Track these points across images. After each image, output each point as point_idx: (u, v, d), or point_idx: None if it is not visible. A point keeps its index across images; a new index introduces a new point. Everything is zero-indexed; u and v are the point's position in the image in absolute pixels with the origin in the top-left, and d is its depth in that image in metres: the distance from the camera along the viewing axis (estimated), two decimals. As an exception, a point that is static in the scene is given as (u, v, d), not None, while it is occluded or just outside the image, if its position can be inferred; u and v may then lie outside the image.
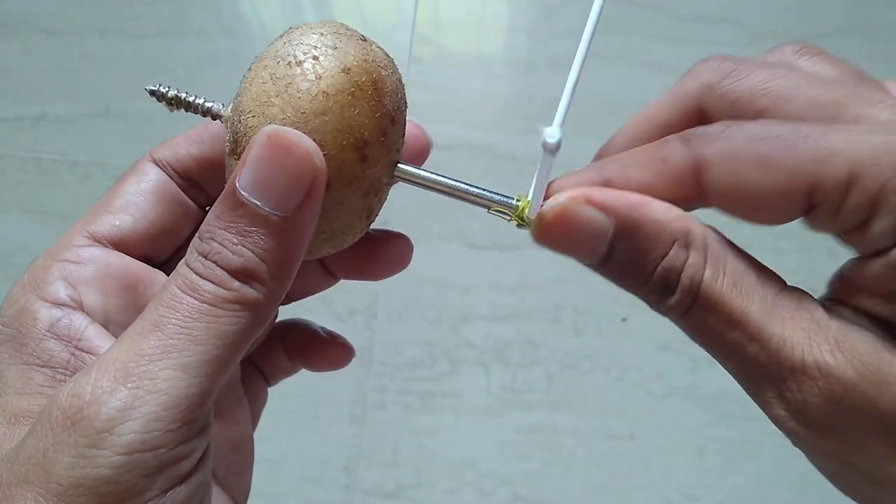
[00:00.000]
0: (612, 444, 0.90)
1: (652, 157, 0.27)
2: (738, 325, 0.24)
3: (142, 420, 0.23)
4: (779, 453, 0.88)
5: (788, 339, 0.24)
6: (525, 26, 1.05)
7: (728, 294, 0.25)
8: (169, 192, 0.32)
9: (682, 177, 0.26)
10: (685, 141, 0.26)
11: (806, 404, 0.23)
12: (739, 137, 0.25)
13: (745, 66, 0.27)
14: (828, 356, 0.23)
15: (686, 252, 0.25)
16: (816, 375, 0.23)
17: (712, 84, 0.27)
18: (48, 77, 1.03)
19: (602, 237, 0.26)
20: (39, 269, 0.29)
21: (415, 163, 0.32)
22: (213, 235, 0.25)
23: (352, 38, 0.28)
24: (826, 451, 0.24)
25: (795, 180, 0.24)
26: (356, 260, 0.35)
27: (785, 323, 0.24)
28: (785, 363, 0.24)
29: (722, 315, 0.25)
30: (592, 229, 0.26)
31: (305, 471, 0.89)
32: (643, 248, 0.26)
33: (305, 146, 0.25)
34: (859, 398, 0.23)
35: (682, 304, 0.25)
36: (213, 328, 0.24)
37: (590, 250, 0.26)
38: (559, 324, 0.93)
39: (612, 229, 0.26)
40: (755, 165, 0.24)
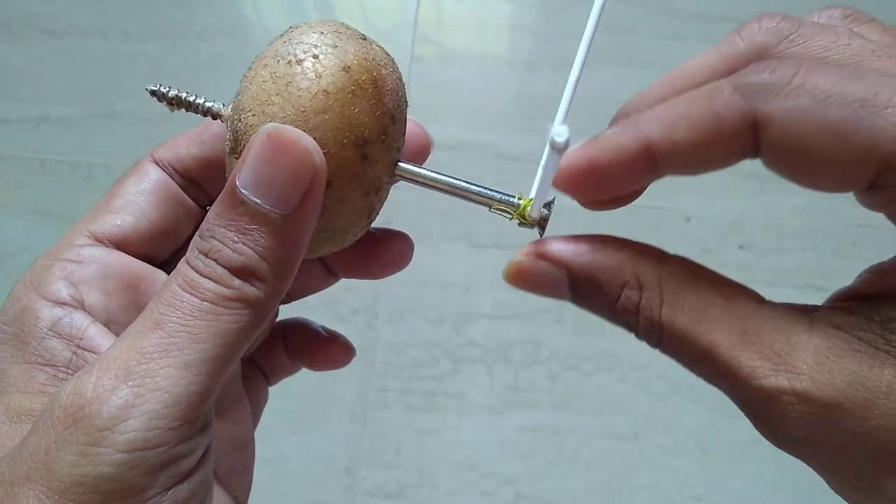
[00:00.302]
0: (615, 444, 0.89)
1: (702, 114, 0.24)
2: (708, 360, 0.24)
3: (143, 418, 0.23)
4: (781, 454, 0.88)
5: (761, 367, 0.23)
6: (527, 26, 1.05)
7: (692, 329, 0.24)
8: (170, 192, 0.32)
9: (738, 136, 0.23)
10: (741, 92, 0.23)
11: (788, 427, 0.23)
12: (809, 95, 0.22)
13: (806, 27, 0.25)
14: (805, 381, 0.22)
15: (637, 293, 0.25)
16: (794, 401, 0.22)
17: (767, 46, 0.25)
18: (51, 78, 1.03)
19: (560, 284, 0.26)
20: (41, 269, 0.29)
21: (416, 162, 0.32)
22: (213, 233, 0.25)
23: (352, 37, 0.28)
24: (814, 463, 0.24)
25: (867, 155, 0.21)
26: (357, 259, 0.35)
27: (758, 348, 0.23)
28: (762, 392, 0.23)
29: (690, 349, 0.24)
30: (549, 281, 0.26)
31: (307, 471, 0.89)
32: (600, 291, 0.26)
33: (305, 144, 0.25)
34: (843, 418, 0.22)
35: (650, 340, 0.25)
36: (214, 326, 0.25)
37: (555, 294, 0.27)
38: (562, 324, 0.93)
39: (566, 278, 0.26)
40: (826, 132, 0.21)
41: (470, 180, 0.29)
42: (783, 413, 0.23)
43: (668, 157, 0.24)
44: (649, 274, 0.25)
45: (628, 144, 0.25)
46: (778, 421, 0.23)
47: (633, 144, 0.25)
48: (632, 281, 0.25)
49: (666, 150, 0.24)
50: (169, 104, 0.31)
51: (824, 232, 0.93)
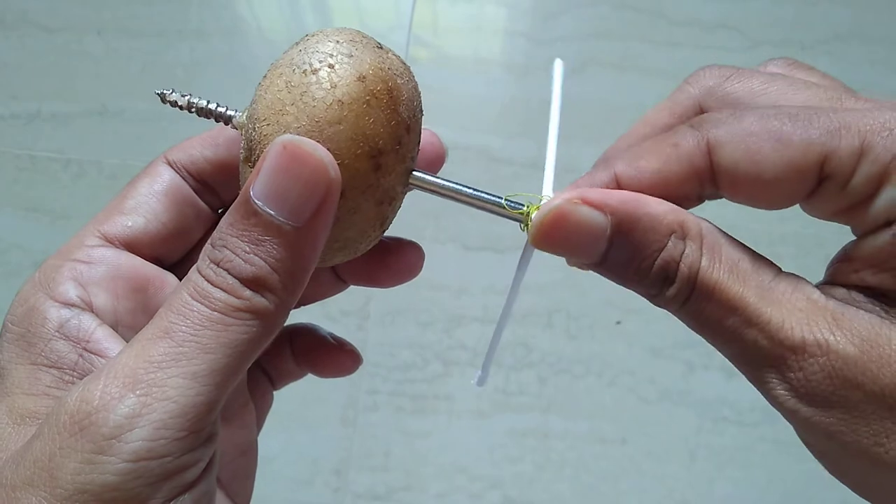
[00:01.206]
0: (604, 449, 0.90)
1: (662, 145, 0.27)
2: (737, 310, 0.25)
3: (149, 428, 0.23)
4: (770, 460, 0.89)
5: (787, 320, 0.24)
6: (522, 30, 1.05)
7: (725, 281, 0.25)
8: (182, 195, 0.32)
9: (693, 159, 0.26)
10: (695, 126, 0.26)
11: (807, 382, 0.24)
12: (750, 117, 0.25)
13: (743, 71, 0.28)
14: (827, 333, 0.24)
15: (682, 243, 0.26)
16: (817, 352, 0.24)
17: (712, 87, 0.28)
18: (44, 74, 1.02)
19: (600, 236, 0.26)
20: (50, 269, 0.29)
21: (430, 170, 0.32)
22: (225, 243, 0.25)
23: (368, 46, 0.28)
24: (827, 431, 0.24)
25: (808, 151, 0.24)
26: (367, 267, 0.35)
27: (782, 305, 0.25)
28: (785, 343, 0.24)
29: (720, 301, 0.25)
30: (590, 228, 0.26)
31: (295, 473, 0.88)
32: (641, 242, 0.26)
33: (320, 156, 0.25)
34: (860, 373, 0.23)
35: (680, 295, 0.26)
36: (223, 337, 0.24)
37: (589, 250, 0.26)
38: (552, 327, 0.93)
39: (609, 227, 0.26)
40: (768, 140, 0.25)
41: (481, 188, 0.29)
42: (805, 365, 0.24)
43: (634, 186, 0.27)
44: (693, 225, 0.26)
45: (600, 180, 0.28)
46: (798, 374, 0.24)
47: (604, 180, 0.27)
48: (678, 230, 0.26)
49: (632, 179, 0.27)
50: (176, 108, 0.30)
51: (815, 239, 0.94)
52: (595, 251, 0.26)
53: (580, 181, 0.28)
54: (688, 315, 0.26)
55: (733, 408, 0.89)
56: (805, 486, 0.87)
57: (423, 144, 0.31)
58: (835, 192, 0.25)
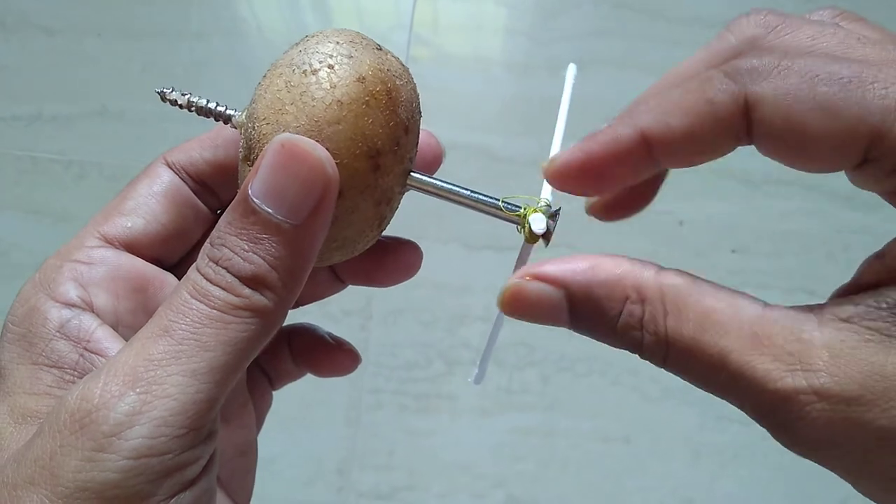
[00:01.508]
0: (607, 447, 0.90)
1: (694, 99, 0.24)
2: (719, 369, 0.23)
3: (149, 425, 0.23)
4: (774, 458, 0.88)
5: (775, 371, 0.22)
6: (523, 29, 1.05)
7: (699, 339, 0.24)
8: (181, 196, 0.32)
9: (730, 118, 0.24)
10: (731, 76, 0.24)
11: (808, 429, 0.22)
12: (797, 75, 0.23)
13: (792, 20, 0.25)
14: (823, 377, 0.22)
15: (640, 307, 0.25)
16: (813, 400, 0.22)
17: (756, 38, 0.26)
18: (45, 76, 1.03)
19: (558, 308, 0.26)
20: (51, 269, 0.29)
21: (427, 170, 0.32)
22: (224, 242, 0.25)
23: (367, 47, 0.28)
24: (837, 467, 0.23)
25: (857, 128, 0.22)
26: (366, 266, 0.35)
27: (770, 351, 0.23)
28: (779, 395, 0.22)
29: (700, 360, 0.24)
30: (547, 302, 0.26)
31: (299, 472, 0.89)
32: (600, 309, 0.25)
33: (318, 155, 0.25)
34: (865, 411, 0.22)
35: (656, 356, 0.25)
36: (223, 335, 0.24)
37: (553, 319, 0.26)
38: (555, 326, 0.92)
39: (564, 300, 0.25)
40: (815, 109, 0.22)
41: (479, 190, 0.29)
42: (803, 414, 0.22)
43: (664, 144, 0.25)
44: (650, 286, 0.25)
45: (624, 135, 0.25)
46: (798, 423, 0.22)
47: (629, 135, 0.25)
48: (633, 294, 0.25)
49: (661, 138, 0.25)
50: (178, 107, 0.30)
51: (816, 236, 0.94)
52: (560, 318, 0.26)
53: (599, 135, 0.26)
54: (674, 372, 0.25)
55: (736, 405, 0.89)
56: (808, 483, 0.87)
57: (421, 145, 0.31)
58: (881, 175, 0.23)
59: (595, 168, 0.26)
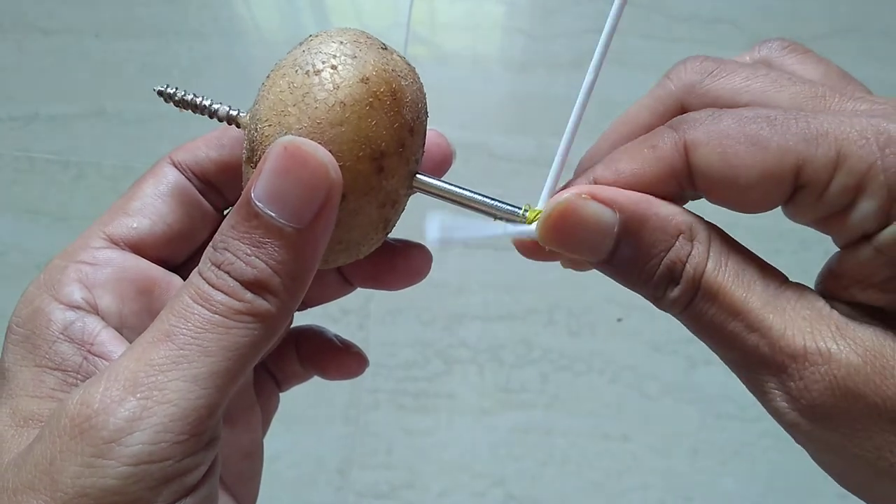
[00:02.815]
0: (606, 445, 0.90)
1: (639, 147, 0.27)
2: (740, 315, 0.25)
3: (150, 431, 0.23)
4: (773, 456, 0.89)
5: (790, 327, 0.24)
6: (521, 27, 1.05)
7: (730, 285, 0.25)
8: (187, 196, 0.32)
9: (670, 160, 0.26)
10: (673, 127, 0.26)
11: (808, 391, 0.23)
12: (728, 119, 0.25)
13: (726, 65, 0.27)
14: (830, 342, 0.23)
15: (690, 245, 0.25)
16: (818, 361, 0.23)
17: (693, 83, 0.28)
18: (42, 76, 1.02)
19: (608, 233, 0.26)
20: (55, 270, 0.29)
21: (437, 171, 0.31)
22: (226, 246, 0.25)
23: (371, 47, 0.27)
24: (829, 444, 0.24)
25: (784, 158, 0.24)
26: (374, 269, 0.35)
27: (785, 312, 0.24)
28: (786, 350, 0.24)
29: (724, 305, 0.25)
30: (598, 225, 0.26)
31: (298, 472, 0.88)
32: (649, 241, 0.26)
33: (321, 158, 0.25)
34: (863, 383, 0.23)
35: (684, 297, 0.25)
36: (225, 340, 0.24)
37: (596, 248, 0.26)
38: (554, 324, 0.93)
39: (617, 225, 0.26)
40: (744, 143, 0.24)
41: (485, 193, 0.29)
42: (807, 375, 0.23)
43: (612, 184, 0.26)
44: (702, 228, 0.26)
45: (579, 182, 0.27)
46: (799, 382, 0.24)
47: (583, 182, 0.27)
48: (687, 231, 0.26)
49: (609, 182, 0.27)
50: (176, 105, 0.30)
51: (815, 234, 0.94)
52: (602, 248, 0.26)
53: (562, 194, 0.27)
54: (690, 318, 0.26)
55: (735, 403, 0.89)
56: (807, 480, 0.87)
57: (430, 145, 0.31)
58: (811, 202, 0.24)
59: None
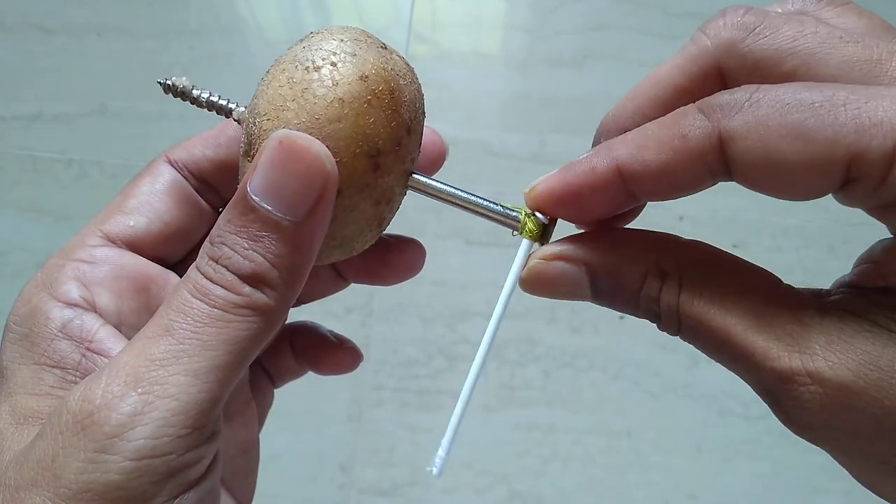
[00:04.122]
0: (609, 442, 0.90)
1: (669, 135, 0.24)
2: (723, 344, 0.24)
3: (152, 426, 0.23)
4: (776, 452, 0.88)
5: (775, 349, 0.23)
6: (522, 25, 1.05)
7: (707, 315, 0.24)
8: (184, 194, 0.32)
9: (704, 153, 0.24)
10: (705, 112, 0.24)
11: (803, 410, 0.23)
12: (768, 106, 0.22)
13: (771, 20, 0.25)
14: (819, 361, 0.22)
15: (659, 282, 0.25)
16: (808, 381, 0.22)
17: (733, 42, 0.25)
18: (45, 75, 1.03)
19: (580, 284, 0.27)
20: (53, 269, 0.29)
21: (431, 168, 0.32)
22: (224, 240, 0.25)
23: (371, 46, 0.28)
24: (835, 449, 0.24)
25: (833, 152, 0.21)
26: (368, 264, 0.35)
27: (771, 331, 0.23)
28: (774, 374, 0.23)
29: (707, 336, 0.25)
30: (568, 281, 0.27)
31: (301, 469, 0.89)
32: (620, 285, 0.26)
33: (317, 151, 0.25)
34: (857, 398, 0.22)
35: (670, 328, 0.26)
36: (224, 333, 0.24)
37: (575, 295, 0.27)
38: (556, 322, 0.93)
39: (585, 276, 0.27)
40: (787, 137, 0.22)
41: (479, 194, 0.29)
42: (797, 395, 0.23)
43: (638, 179, 0.25)
44: (669, 262, 0.26)
45: (600, 167, 0.25)
46: (793, 403, 0.23)
47: (604, 167, 0.25)
48: (653, 269, 0.26)
49: (636, 172, 0.25)
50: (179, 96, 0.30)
51: (817, 230, 0.94)
52: (580, 295, 0.27)
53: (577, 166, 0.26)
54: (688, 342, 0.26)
55: (739, 400, 0.89)
56: (811, 477, 0.87)
57: (424, 142, 0.31)
58: (867, 192, 0.22)
59: (572, 199, 0.26)
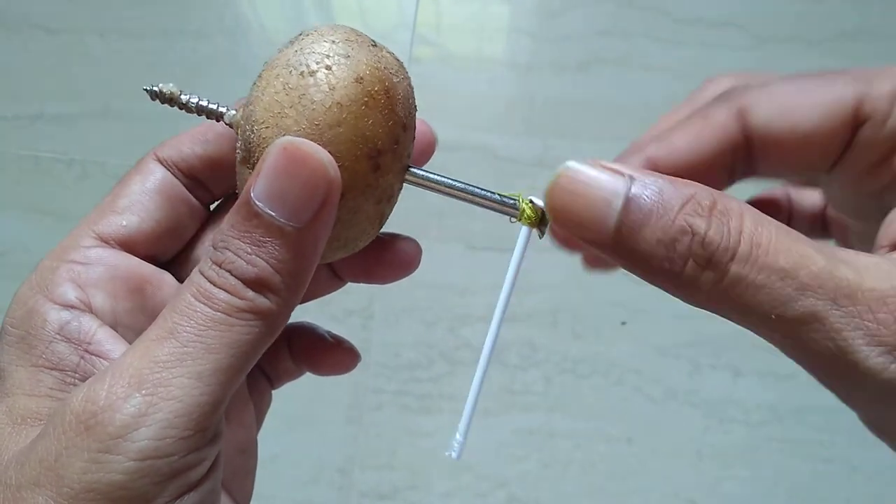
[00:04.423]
0: (610, 448, 0.89)
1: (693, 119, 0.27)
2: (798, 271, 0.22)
3: (155, 427, 0.23)
4: (777, 459, 0.88)
5: (866, 276, 0.22)
6: (526, 28, 1.05)
7: (780, 241, 0.22)
8: (174, 192, 0.32)
9: (727, 128, 0.26)
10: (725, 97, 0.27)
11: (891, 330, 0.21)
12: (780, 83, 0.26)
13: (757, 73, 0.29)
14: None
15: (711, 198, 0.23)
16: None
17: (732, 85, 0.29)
18: (47, 75, 1.03)
19: (616, 193, 0.23)
20: (47, 270, 0.29)
21: (422, 158, 0.32)
22: (227, 245, 0.25)
23: (363, 45, 0.28)
24: None
25: (842, 97, 0.25)
26: (364, 263, 0.35)
27: (852, 265, 0.22)
28: (873, 294, 0.21)
29: (775, 265, 0.22)
30: (604, 190, 0.23)
31: (301, 472, 0.88)
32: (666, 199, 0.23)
33: (320, 157, 0.25)
34: None
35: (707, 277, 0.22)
36: (227, 337, 0.25)
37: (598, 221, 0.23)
38: (558, 327, 0.92)
39: (624, 190, 0.23)
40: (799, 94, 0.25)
41: (473, 183, 0.29)
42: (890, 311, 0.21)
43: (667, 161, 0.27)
44: (727, 196, 0.23)
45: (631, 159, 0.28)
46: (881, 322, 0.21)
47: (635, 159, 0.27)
48: (704, 192, 0.23)
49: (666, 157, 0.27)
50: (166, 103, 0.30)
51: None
52: (606, 220, 0.23)
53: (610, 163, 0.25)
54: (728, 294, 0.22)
55: (740, 407, 0.89)
56: (812, 485, 0.87)
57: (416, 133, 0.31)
58: (873, 136, 0.25)
59: None
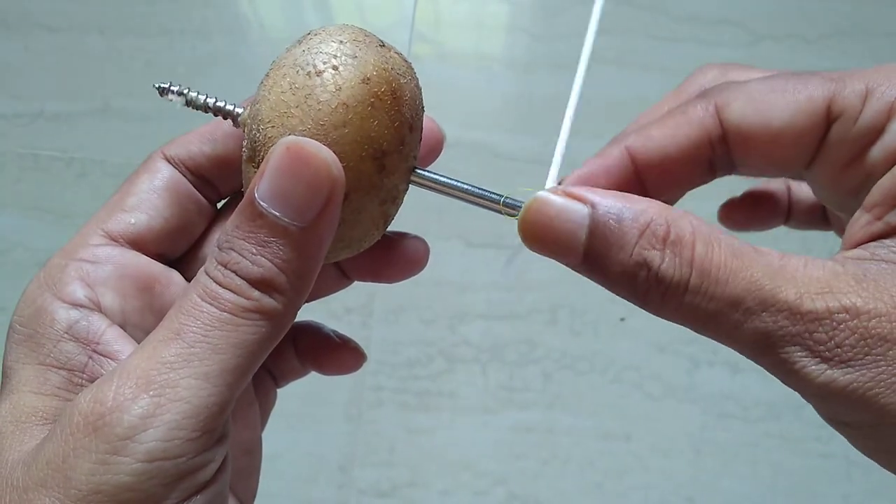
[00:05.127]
0: (608, 445, 0.90)
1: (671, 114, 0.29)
2: (748, 295, 0.23)
3: (163, 428, 0.23)
4: (775, 456, 0.88)
5: (806, 294, 0.23)
6: (525, 26, 1.05)
7: (728, 265, 0.24)
8: (182, 190, 0.32)
9: (703, 123, 0.28)
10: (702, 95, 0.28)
11: (840, 347, 0.23)
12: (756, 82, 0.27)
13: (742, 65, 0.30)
14: (853, 297, 0.23)
15: (666, 228, 0.24)
16: (846, 318, 0.23)
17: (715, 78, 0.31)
18: (47, 74, 1.03)
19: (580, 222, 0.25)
20: (56, 268, 0.29)
21: (429, 156, 0.32)
22: (232, 245, 0.25)
23: (371, 46, 0.28)
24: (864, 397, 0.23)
25: (815, 94, 0.26)
26: (372, 262, 0.35)
27: (797, 280, 0.23)
28: (809, 316, 0.23)
29: (726, 289, 0.23)
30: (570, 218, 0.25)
31: (300, 469, 0.89)
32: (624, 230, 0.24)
33: (324, 157, 0.25)
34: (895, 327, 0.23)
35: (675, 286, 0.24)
36: (234, 337, 0.25)
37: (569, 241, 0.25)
38: (556, 324, 0.93)
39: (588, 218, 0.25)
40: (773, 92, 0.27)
41: (479, 185, 0.29)
42: (835, 333, 0.23)
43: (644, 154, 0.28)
44: (681, 214, 0.25)
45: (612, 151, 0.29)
46: (830, 343, 0.23)
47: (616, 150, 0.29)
48: (661, 222, 0.24)
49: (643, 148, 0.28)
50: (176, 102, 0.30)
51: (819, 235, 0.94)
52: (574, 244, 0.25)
53: (591, 160, 0.29)
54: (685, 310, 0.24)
55: (738, 403, 0.89)
56: (810, 481, 0.87)
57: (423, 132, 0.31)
58: (844, 133, 0.26)
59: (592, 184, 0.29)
